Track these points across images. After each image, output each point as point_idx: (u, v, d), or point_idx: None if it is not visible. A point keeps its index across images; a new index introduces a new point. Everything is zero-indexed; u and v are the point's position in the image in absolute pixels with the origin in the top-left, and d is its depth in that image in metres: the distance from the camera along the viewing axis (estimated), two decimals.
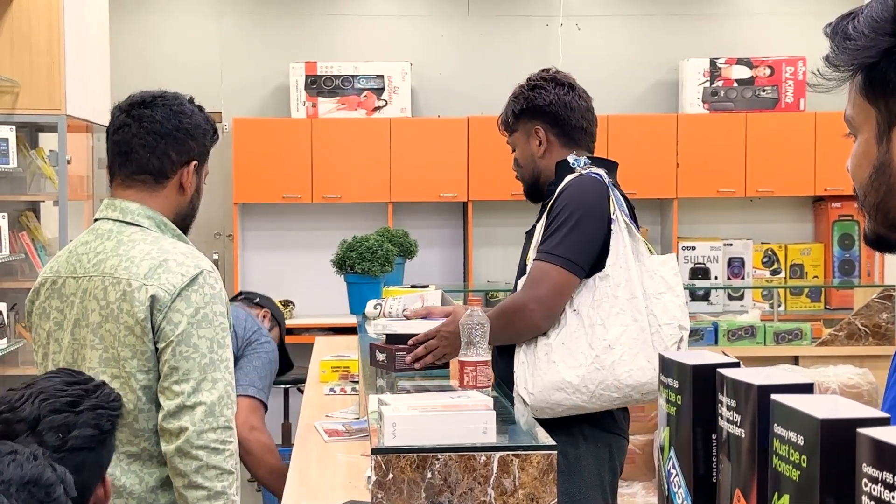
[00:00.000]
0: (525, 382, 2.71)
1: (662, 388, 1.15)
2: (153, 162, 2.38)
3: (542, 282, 2.70)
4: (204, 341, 2.25)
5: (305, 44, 7.81)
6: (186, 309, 2.25)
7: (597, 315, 2.72)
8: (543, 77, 2.99)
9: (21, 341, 5.21)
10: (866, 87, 1.25)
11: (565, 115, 2.93)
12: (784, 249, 7.83)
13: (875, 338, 5.50)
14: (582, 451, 2.73)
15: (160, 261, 2.29)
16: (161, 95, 2.43)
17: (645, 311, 2.75)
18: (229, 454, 2.26)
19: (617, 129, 7.50)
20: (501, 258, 7.69)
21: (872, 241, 1.32)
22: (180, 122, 2.39)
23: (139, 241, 2.33)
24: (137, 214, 2.37)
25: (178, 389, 2.23)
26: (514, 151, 3.04)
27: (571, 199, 2.76)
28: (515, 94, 3.01)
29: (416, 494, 2.01)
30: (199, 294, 2.27)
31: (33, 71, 5.22)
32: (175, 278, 2.27)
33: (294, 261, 7.57)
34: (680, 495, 1.08)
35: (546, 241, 2.75)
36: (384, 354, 2.84)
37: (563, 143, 2.95)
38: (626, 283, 2.75)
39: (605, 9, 7.98)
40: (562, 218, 2.74)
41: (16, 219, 5.44)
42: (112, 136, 2.41)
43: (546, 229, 2.78)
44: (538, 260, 2.74)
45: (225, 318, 2.32)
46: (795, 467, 0.84)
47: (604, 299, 2.73)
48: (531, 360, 2.73)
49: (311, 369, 4.83)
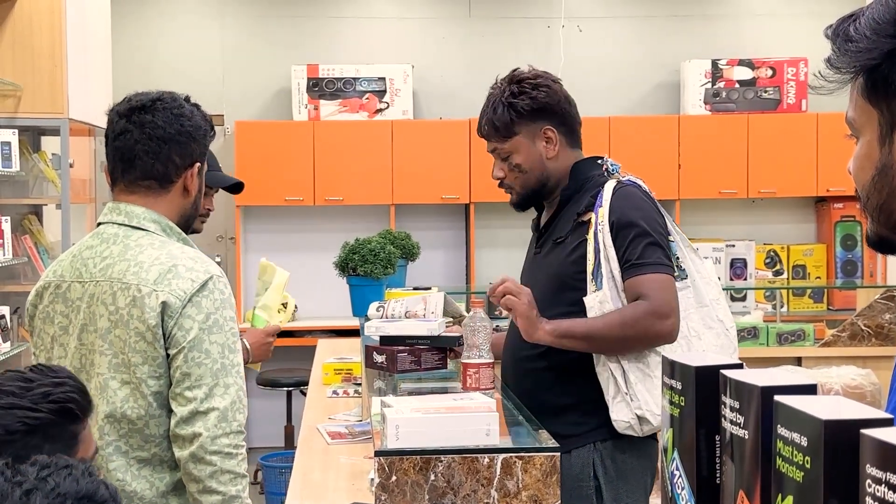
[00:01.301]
0: (647, 403, 2.61)
1: (665, 390, 1.15)
2: (157, 167, 2.36)
3: (668, 291, 2.61)
4: (215, 347, 2.25)
5: (307, 46, 7.82)
6: (198, 315, 2.25)
7: (688, 327, 2.69)
8: (538, 75, 2.84)
9: (24, 344, 5.21)
10: (868, 88, 1.25)
11: (572, 114, 2.83)
12: (786, 250, 7.83)
13: (878, 338, 5.49)
14: (627, 455, 2.70)
15: (169, 266, 2.28)
16: (160, 98, 2.39)
17: (716, 317, 2.73)
18: (242, 458, 2.26)
19: (619, 131, 7.50)
20: (504, 260, 7.69)
21: (875, 243, 1.32)
22: (182, 126, 2.37)
23: (147, 246, 2.32)
24: (143, 218, 2.36)
25: (190, 395, 2.22)
26: (508, 158, 2.83)
27: (636, 209, 2.67)
28: (514, 94, 2.80)
29: (419, 497, 2.01)
30: (210, 299, 2.26)
31: (35, 75, 5.23)
32: (185, 284, 2.26)
33: (296, 263, 7.57)
34: (683, 497, 1.08)
35: (640, 254, 2.62)
36: (383, 356, 2.84)
37: (570, 143, 2.83)
38: (694, 291, 2.73)
39: (607, 10, 7.98)
40: (644, 230, 2.64)
41: (18, 222, 5.44)
42: (113, 142, 2.39)
43: (628, 243, 2.63)
44: (649, 273, 2.61)
45: (234, 323, 2.31)
46: (799, 468, 0.84)
47: (689, 310, 2.70)
48: (645, 380, 2.63)
49: (314, 372, 4.84)
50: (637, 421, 2.62)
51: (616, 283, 2.64)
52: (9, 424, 1.64)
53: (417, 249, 5.04)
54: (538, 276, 2.84)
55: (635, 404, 2.61)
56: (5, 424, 1.64)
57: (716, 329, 2.73)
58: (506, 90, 2.83)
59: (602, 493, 2.65)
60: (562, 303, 2.72)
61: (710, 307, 2.74)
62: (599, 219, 2.68)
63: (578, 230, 2.74)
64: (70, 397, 1.70)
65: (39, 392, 1.69)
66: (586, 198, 2.76)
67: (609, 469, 2.66)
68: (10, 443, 1.62)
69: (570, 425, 2.42)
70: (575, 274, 2.71)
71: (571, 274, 2.72)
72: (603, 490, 2.65)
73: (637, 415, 2.61)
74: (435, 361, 2.89)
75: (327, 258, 5.08)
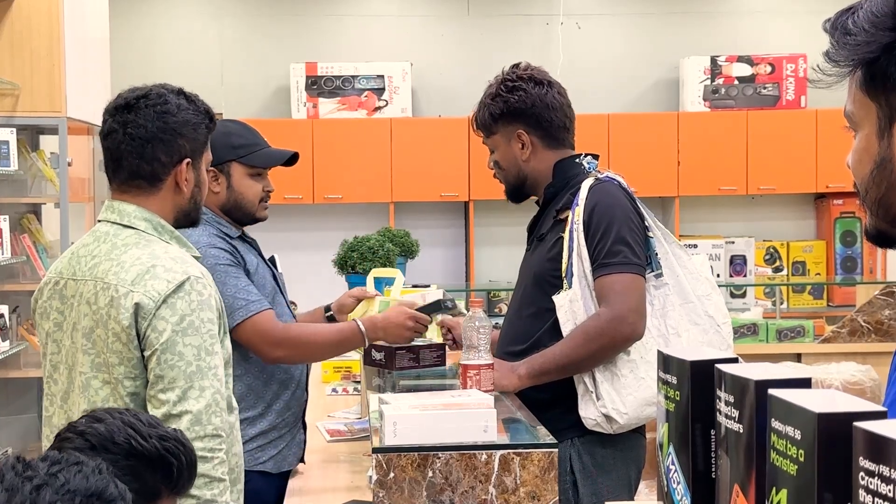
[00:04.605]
0: (613, 402, 2.63)
1: (661, 384, 1.15)
2: (144, 167, 2.34)
3: (629, 292, 2.61)
4: (190, 349, 2.21)
5: (306, 44, 7.81)
6: (171, 316, 2.21)
7: (665, 324, 2.69)
8: (520, 76, 2.85)
9: (23, 344, 5.21)
10: (867, 82, 1.24)
11: (548, 116, 2.82)
12: (786, 247, 7.82)
13: (877, 334, 5.49)
14: (609, 449, 2.71)
15: (148, 266, 2.25)
16: (145, 95, 2.36)
17: (704, 313, 2.73)
18: (219, 462, 2.22)
19: (618, 128, 7.49)
20: (503, 257, 7.68)
21: (874, 237, 1.32)
22: (166, 123, 2.34)
23: (132, 246, 2.31)
24: (134, 217, 2.34)
25: (164, 398, 2.20)
26: (493, 153, 2.90)
27: (608, 206, 2.68)
28: (492, 95, 2.85)
29: (417, 493, 2.01)
30: (186, 301, 2.23)
31: (34, 73, 5.22)
32: (161, 285, 2.23)
33: (295, 261, 7.57)
34: (679, 491, 1.08)
35: (607, 252, 2.64)
36: (381, 353, 2.83)
37: (548, 145, 2.83)
38: (676, 287, 2.73)
39: (606, 7, 7.97)
40: (614, 227, 2.65)
41: (17, 221, 5.44)
42: (103, 142, 2.38)
43: (597, 241, 2.65)
44: (613, 273, 2.62)
45: (214, 325, 2.27)
46: (793, 462, 0.84)
47: (668, 307, 2.70)
48: (613, 380, 2.65)
49: (314, 370, 4.83)
50: (604, 419, 2.64)
51: (588, 281, 2.66)
52: (116, 435, 1.66)
53: (417, 247, 5.04)
54: (525, 274, 2.87)
55: (600, 403, 2.64)
56: (114, 433, 1.66)
57: (703, 325, 2.72)
58: (490, 89, 2.89)
59: (578, 488, 2.67)
60: (540, 301, 2.74)
61: (697, 303, 2.73)
62: (575, 217, 2.70)
63: (556, 228, 2.77)
64: (177, 455, 1.71)
65: (159, 432, 1.71)
66: (566, 196, 2.78)
67: (587, 464, 2.68)
68: (106, 451, 1.63)
69: (550, 421, 2.42)
70: (552, 272, 2.73)
71: (549, 272, 2.74)
72: (579, 484, 2.67)
73: (603, 413, 2.64)
74: (433, 359, 2.88)
75: (326, 256, 5.08)
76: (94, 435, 1.65)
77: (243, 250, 2.98)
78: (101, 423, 1.67)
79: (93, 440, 1.65)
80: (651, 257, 2.72)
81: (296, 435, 3.05)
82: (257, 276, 2.98)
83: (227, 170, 2.97)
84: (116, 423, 1.67)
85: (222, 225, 2.98)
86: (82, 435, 1.66)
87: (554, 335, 2.68)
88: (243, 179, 2.99)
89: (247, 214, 3.03)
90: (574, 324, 2.65)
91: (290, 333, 2.85)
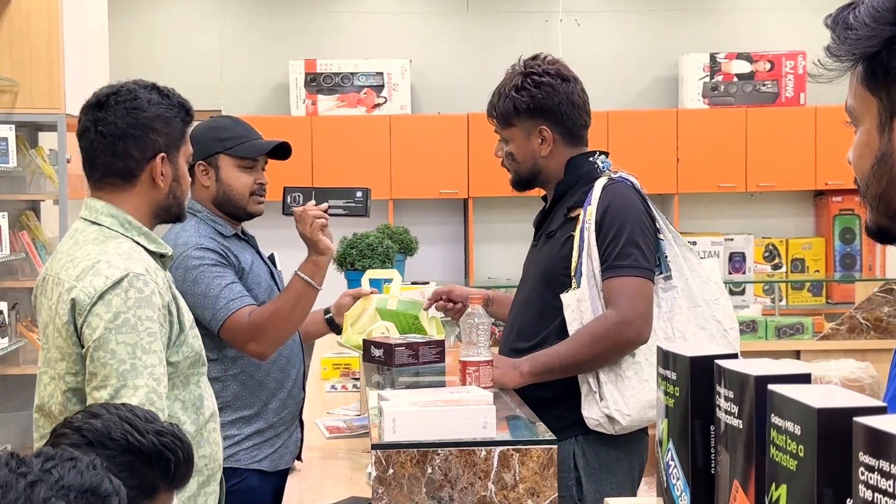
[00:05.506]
0: (616, 403, 2.63)
1: (661, 380, 1.15)
2: (116, 164, 2.33)
3: (637, 297, 2.60)
4: (123, 347, 2.18)
5: (305, 41, 7.81)
6: (105, 313, 2.19)
7: (672, 327, 2.68)
8: (546, 70, 2.82)
9: (22, 340, 5.21)
10: (867, 76, 1.24)
11: (572, 114, 2.80)
12: (785, 244, 7.82)
13: (877, 332, 5.49)
14: (613, 448, 2.70)
15: (94, 262, 2.23)
16: (115, 93, 2.34)
17: (712, 318, 2.72)
18: None
19: (617, 125, 7.49)
20: (502, 254, 7.68)
21: (874, 233, 1.32)
22: (136, 119, 2.32)
23: (89, 242, 2.30)
24: (101, 213, 2.33)
25: (97, 395, 2.18)
26: (508, 144, 2.86)
27: (621, 208, 2.66)
28: (517, 87, 2.79)
29: (416, 490, 2.00)
30: (122, 298, 2.19)
31: (32, 70, 5.22)
32: (98, 281, 2.20)
33: (294, 258, 7.55)
34: (679, 487, 1.08)
35: (617, 255, 2.62)
36: (381, 350, 2.83)
37: (567, 142, 2.81)
38: (685, 290, 2.72)
39: (605, 4, 7.97)
40: (626, 229, 2.63)
41: (16, 218, 5.43)
42: (78, 141, 2.38)
43: (608, 243, 2.64)
44: (622, 276, 2.61)
45: (154, 323, 2.22)
46: (793, 457, 0.84)
47: (675, 310, 2.69)
48: (617, 381, 2.64)
49: (313, 366, 4.83)
50: (607, 420, 2.64)
51: (596, 281, 2.65)
52: (113, 430, 1.65)
53: (416, 244, 5.04)
54: (531, 271, 2.85)
55: (603, 404, 2.64)
56: (110, 428, 1.65)
57: (710, 329, 2.71)
58: (514, 80, 2.82)
59: (582, 485, 2.67)
60: (547, 298, 2.73)
61: (705, 307, 2.72)
62: (587, 216, 2.68)
63: (567, 226, 2.75)
64: (174, 450, 1.70)
65: (156, 427, 1.70)
66: (578, 193, 2.76)
67: (591, 461, 2.68)
68: (103, 447, 1.62)
69: (554, 419, 2.41)
70: (562, 270, 2.72)
71: (559, 270, 2.72)
72: (583, 482, 2.67)
73: (605, 414, 2.64)
74: (433, 356, 2.88)
75: None
76: (90, 431, 1.65)
77: (237, 249, 2.98)
78: (97, 419, 1.67)
79: (89, 436, 1.65)
80: (661, 259, 2.71)
81: (292, 433, 3.05)
82: (252, 275, 2.97)
83: (215, 163, 2.99)
84: (113, 419, 1.67)
85: (217, 223, 2.98)
86: (78, 431, 1.66)
87: (561, 334, 2.67)
88: (231, 171, 3.01)
89: (238, 208, 3.03)
90: (580, 323, 2.64)
91: (253, 323, 2.81)
